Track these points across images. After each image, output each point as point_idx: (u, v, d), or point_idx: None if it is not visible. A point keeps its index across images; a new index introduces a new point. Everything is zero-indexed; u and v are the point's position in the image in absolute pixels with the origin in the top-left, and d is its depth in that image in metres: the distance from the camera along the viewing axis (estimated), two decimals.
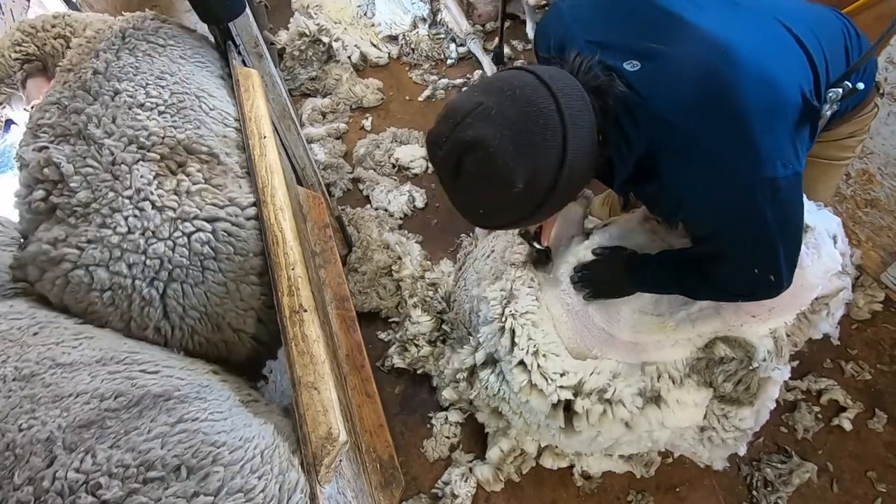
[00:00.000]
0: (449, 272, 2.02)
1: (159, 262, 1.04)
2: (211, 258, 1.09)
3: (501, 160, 0.83)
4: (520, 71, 0.90)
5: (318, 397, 0.85)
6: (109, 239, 1.02)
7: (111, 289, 1.02)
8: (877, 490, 1.56)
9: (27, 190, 1.08)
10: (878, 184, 1.79)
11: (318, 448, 0.80)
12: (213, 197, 1.12)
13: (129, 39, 1.29)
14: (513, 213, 0.94)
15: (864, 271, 1.93)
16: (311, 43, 2.92)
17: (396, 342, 1.91)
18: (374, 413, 1.37)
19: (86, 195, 1.04)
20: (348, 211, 2.32)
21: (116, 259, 1.02)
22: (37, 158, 1.07)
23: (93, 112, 1.12)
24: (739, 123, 0.84)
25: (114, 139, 1.10)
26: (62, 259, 1.01)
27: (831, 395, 1.70)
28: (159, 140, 1.12)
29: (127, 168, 1.07)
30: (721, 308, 1.18)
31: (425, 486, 1.67)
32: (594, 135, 0.90)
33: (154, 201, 1.06)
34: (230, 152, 1.24)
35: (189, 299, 1.08)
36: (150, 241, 1.04)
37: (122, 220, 1.03)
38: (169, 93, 1.21)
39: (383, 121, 2.76)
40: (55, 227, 1.05)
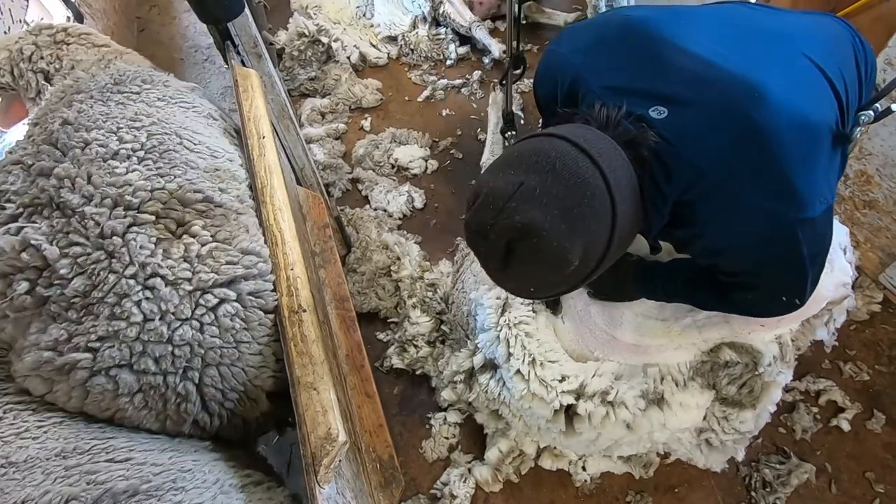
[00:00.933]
0: (448, 273, 2.01)
1: (189, 348, 0.89)
2: (244, 330, 0.95)
3: (557, 242, 0.79)
4: (550, 138, 0.84)
5: (317, 397, 0.85)
6: (125, 333, 0.85)
7: (141, 390, 0.87)
8: (875, 491, 1.56)
9: (3, 282, 0.87)
10: (877, 185, 1.80)
11: (317, 448, 0.80)
12: (225, 255, 0.96)
13: (105, 93, 1.17)
14: (566, 285, 0.92)
15: (862, 272, 1.94)
16: (310, 43, 2.92)
17: (395, 343, 1.90)
18: (373, 413, 1.37)
19: (81, 282, 0.85)
20: (347, 211, 2.32)
21: (139, 355, 0.86)
22: (10, 242, 0.86)
23: (63, 172, 0.93)
24: (779, 171, 0.82)
25: (94, 204, 0.91)
26: (74, 366, 0.84)
27: (830, 395, 1.70)
28: (147, 195, 0.95)
29: (120, 240, 0.89)
30: (730, 317, 1.17)
31: (424, 487, 1.67)
32: (637, 191, 0.87)
33: (165, 275, 0.89)
34: (225, 187, 1.10)
35: (228, 381, 0.95)
36: (174, 325, 0.88)
37: (133, 307, 0.86)
38: (146, 135, 1.06)
39: (382, 121, 2.76)
40: (51, 327, 0.85)
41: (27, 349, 0.86)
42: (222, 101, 2.97)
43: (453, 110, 2.75)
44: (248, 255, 0.99)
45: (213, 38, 1.57)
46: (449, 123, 2.70)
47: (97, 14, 2.84)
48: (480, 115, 2.72)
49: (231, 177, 1.14)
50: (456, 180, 2.46)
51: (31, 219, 0.91)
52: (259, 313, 0.97)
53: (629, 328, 1.30)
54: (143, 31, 3.43)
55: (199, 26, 3.35)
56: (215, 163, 1.14)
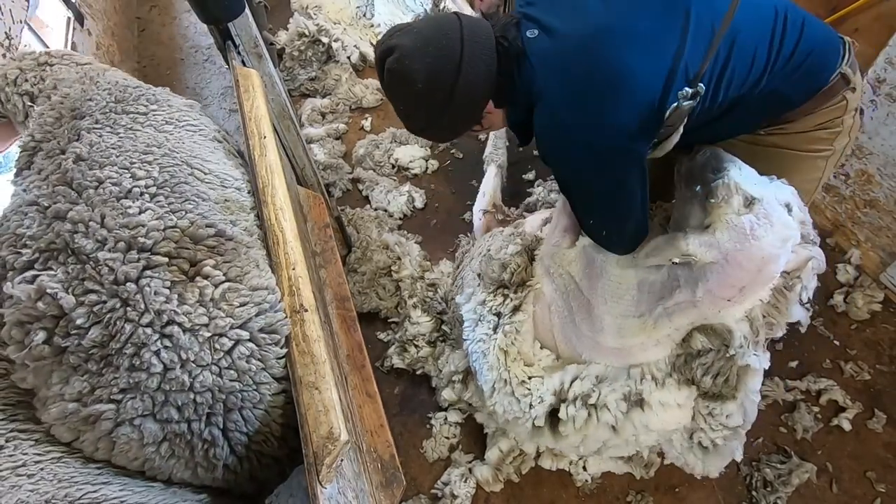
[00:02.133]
0: (448, 272, 2.01)
1: (210, 394, 0.89)
2: (262, 370, 0.94)
3: (408, 62, 1.07)
4: (452, 13, 1.14)
5: (318, 397, 0.85)
6: (146, 384, 0.85)
7: (167, 439, 0.87)
8: (876, 490, 1.56)
9: (21, 330, 0.86)
10: (877, 184, 1.80)
11: (319, 448, 0.79)
12: (238, 296, 0.95)
13: (110, 115, 1.16)
14: (422, 113, 1.15)
15: (863, 271, 1.94)
16: (310, 43, 2.92)
17: (396, 342, 1.90)
18: (374, 413, 1.37)
19: (98, 333, 0.85)
20: (348, 211, 2.32)
21: (162, 404, 0.86)
22: (26, 291, 0.85)
23: (77, 216, 0.92)
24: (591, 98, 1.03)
25: (108, 249, 0.90)
26: (98, 418, 0.85)
27: (830, 395, 1.70)
28: (160, 235, 0.94)
29: (134, 286, 0.88)
30: (697, 301, 1.17)
31: (425, 487, 1.67)
32: (492, 69, 1.10)
33: (182, 323, 0.87)
34: (235, 219, 1.11)
35: (251, 424, 0.94)
36: (194, 372, 0.87)
37: (153, 356, 0.85)
38: (158, 168, 1.06)
39: (383, 121, 2.76)
40: (74, 379, 0.86)
41: (52, 399, 0.86)
42: (223, 101, 2.97)
43: None
44: (258, 290, 0.98)
45: (214, 39, 1.57)
46: None
47: (97, 14, 2.84)
48: None
49: (240, 208, 1.16)
50: (456, 180, 2.46)
51: (48, 264, 0.90)
52: (275, 349, 0.95)
53: (611, 332, 1.31)
54: (143, 31, 3.44)
55: (200, 26, 3.35)
56: (225, 193, 1.15)
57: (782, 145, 1.24)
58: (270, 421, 0.97)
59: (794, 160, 1.25)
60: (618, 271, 1.30)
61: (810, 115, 1.18)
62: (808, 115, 1.18)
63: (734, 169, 1.16)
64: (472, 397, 1.68)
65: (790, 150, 1.24)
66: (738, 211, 1.11)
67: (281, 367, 0.96)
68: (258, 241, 1.11)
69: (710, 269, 1.13)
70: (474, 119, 1.19)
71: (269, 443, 0.98)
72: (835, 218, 1.99)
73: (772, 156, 1.25)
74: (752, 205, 1.11)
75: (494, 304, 1.49)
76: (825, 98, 1.15)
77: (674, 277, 1.21)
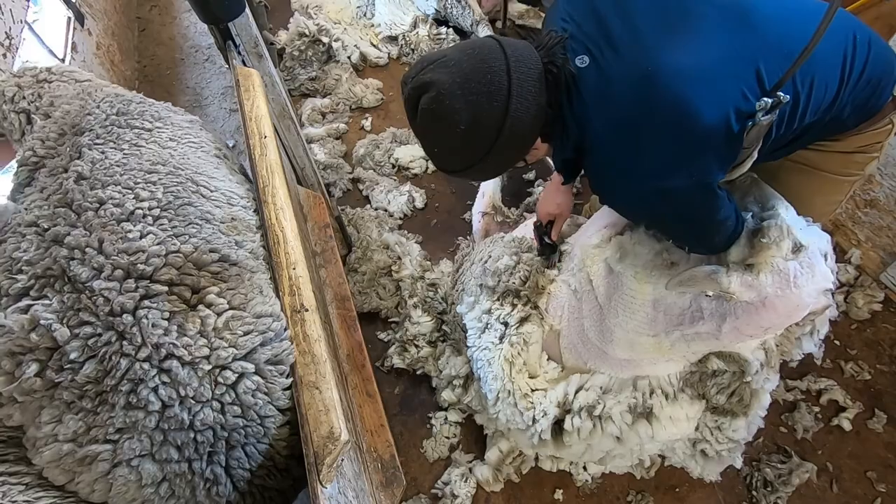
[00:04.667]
0: (449, 272, 2.01)
1: (212, 432, 0.84)
2: (268, 404, 0.90)
3: (449, 101, 0.95)
4: (489, 38, 1.02)
5: (319, 397, 0.85)
6: (144, 423, 0.80)
7: (166, 479, 0.83)
8: (876, 490, 1.56)
9: (11, 362, 0.81)
10: (878, 184, 1.80)
11: (319, 447, 0.79)
12: (242, 324, 0.91)
13: (112, 128, 1.13)
14: (460, 156, 1.04)
15: (863, 271, 1.94)
16: (310, 43, 2.92)
17: (396, 342, 1.90)
18: (374, 413, 1.37)
19: (93, 368, 0.80)
20: (348, 211, 2.32)
21: (160, 444, 0.81)
22: (19, 322, 0.81)
23: (74, 241, 0.89)
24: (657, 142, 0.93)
25: (105, 278, 0.85)
26: (95, 459, 0.80)
27: (831, 395, 1.70)
28: (161, 262, 0.90)
29: (131, 317, 0.83)
30: (720, 332, 1.16)
31: (425, 487, 1.67)
32: (541, 103, 0.99)
33: (181, 356, 0.83)
34: (241, 240, 1.06)
35: (255, 459, 0.90)
36: (194, 409, 0.83)
37: (150, 394, 0.81)
38: (162, 189, 1.02)
39: (383, 121, 2.76)
40: (68, 417, 0.81)
41: (43, 440, 0.82)
42: (223, 100, 2.96)
43: None
44: (263, 317, 0.95)
45: (214, 38, 1.57)
46: None
47: (97, 14, 2.84)
48: None
49: (246, 227, 1.11)
50: (457, 180, 2.46)
51: (43, 291, 0.86)
52: (281, 380, 0.92)
53: (621, 345, 1.29)
54: (143, 31, 3.44)
55: (200, 26, 3.35)
56: (231, 211, 1.11)
57: (816, 164, 1.17)
58: (274, 454, 0.93)
59: (821, 182, 1.20)
60: (634, 285, 1.26)
61: (854, 136, 1.11)
62: (853, 136, 1.11)
63: (783, 209, 1.12)
64: (473, 401, 1.68)
65: (821, 170, 1.18)
66: (786, 256, 1.08)
67: (287, 398, 0.92)
68: (263, 265, 1.07)
69: (743, 308, 1.11)
70: (520, 157, 1.09)
71: (273, 476, 0.94)
72: (835, 217, 1.99)
73: (801, 173, 1.19)
74: (799, 251, 1.09)
75: (502, 312, 1.47)
76: (873, 121, 1.09)
77: (697, 307, 1.17)
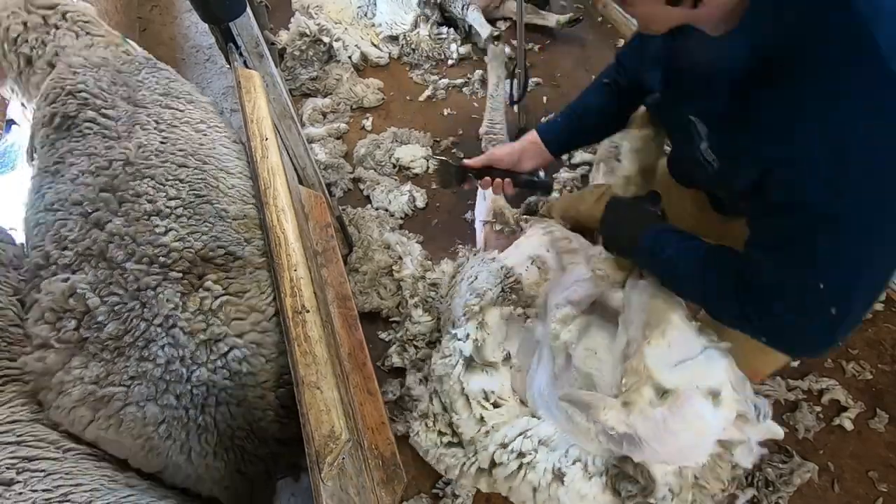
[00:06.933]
0: (449, 272, 2.01)
1: (205, 388, 1.01)
2: (250, 374, 1.06)
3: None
4: None
5: (320, 396, 0.85)
6: (152, 373, 0.98)
7: (165, 421, 0.99)
8: (878, 490, 1.56)
9: (55, 316, 1.01)
10: None
11: (321, 446, 0.80)
12: (235, 310, 1.09)
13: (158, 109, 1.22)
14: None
15: None
16: (311, 43, 2.92)
17: (397, 342, 1.91)
18: (375, 411, 1.37)
19: (115, 327, 0.99)
20: (349, 211, 2.33)
21: (163, 391, 0.99)
22: (60, 288, 1.01)
23: (115, 229, 1.06)
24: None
25: (135, 261, 1.04)
26: (111, 399, 0.98)
27: (832, 394, 1.70)
28: (178, 256, 1.07)
29: (153, 293, 1.02)
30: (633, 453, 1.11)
31: (426, 486, 1.67)
32: None
33: (183, 327, 1.02)
34: (250, 237, 1.18)
35: (236, 420, 1.05)
36: (192, 368, 1.00)
37: (159, 351, 0.99)
38: (187, 189, 1.15)
39: (384, 121, 2.76)
40: (91, 364, 0.99)
41: (72, 382, 0.98)
42: (224, 100, 2.97)
43: (455, 110, 2.76)
44: (255, 311, 1.10)
45: (215, 39, 1.57)
46: (450, 123, 2.70)
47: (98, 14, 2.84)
48: (482, 114, 2.72)
49: (256, 225, 1.23)
50: None
51: (81, 265, 1.04)
52: (261, 359, 1.08)
53: (561, 416, 1.27)
54: (144, 31, 3.44)
55: (201, 26, 3.36)
56: (244, 209, 1.22)
57: None
58: (252, 421, 1.08)
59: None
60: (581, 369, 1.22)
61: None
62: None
63: (648, 347, 1.03)
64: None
65: None
66: (651, 402, 1.02)
67: (269, 372, 1.09)
68: (265, 265, 1.18)
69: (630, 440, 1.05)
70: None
71: (251, 440, 1.08)
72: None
73: None
74: (664, 396, 1.02)
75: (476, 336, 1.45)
76: None
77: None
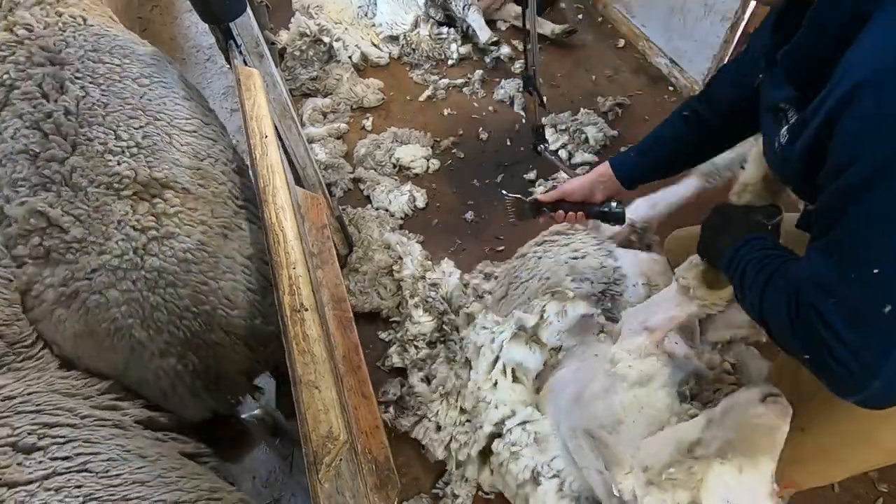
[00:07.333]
0: (449, 272, 2.01)
1: (156, 273, 1.17)
2: (193, 262, 1.22)
3: None
4: None
5: (318, 396, 0.85)
6: (110, 263, 1.15)
7: (126, 303, 1.15)
8: (878, 490, 1.55)
9: (23, 240, 1.16)
10: None
11: (318, 447, 0.80)
12: (189, 219, 1.24)
13: (87, 63, 1.31)
14: None
15: None
16: (311, 43, 2.92)
17: (397, 342, 1.91)
18: (370, 414, 1.37)
19: (80, 232, 1.15)
20: (349, 211, 2.33)
21: (121, 279, 1.15)
22: (19, 213, 1.15)
23: (76, 163, 1.20)
24: None
25: (94, 186, 1.20)
26: (79, 292, 1.14)
27: None
28: (131, 181, 1.21)
29: (109, 207, 1.19)
30: None
31: (426, 487, 1.67)
32: None
33: (134, 225, 1.18)
34: (205, 184, 1.31)
35: (182, 301, 1.19)
36: (145, 257, 1.17)
37: (115, 245, 1.16)
38: (141, 135, 1.28)
39: (384, 121, 2.76)
40: (58, 269, 1.15)
41: (46, 290, 1.15)
42: (224, 100, 2.97)
43: (455, 110, 2.75)
44: (204, 225, 1.26)
45: (215, 38, 1.57)
46: (450, 123, 2.70)
47: None
48: (482, 114, 2.72)
49: (211, 177, 1.34)
50: (458, 180, 2.46)
51: (38, 193, 1.18)
52: (204, 253, 1.23)
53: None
54: (144, 31, 3.44)
55: (201, 26, 3.36)
56: (200, 164, 1.33)
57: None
58: (196, 302, 1.21)
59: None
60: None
61: None
62: None
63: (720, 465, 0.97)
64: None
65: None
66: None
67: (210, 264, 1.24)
68: (226, 199, 1.33)
69: None
70: None
71: (198, 321, 1.21)
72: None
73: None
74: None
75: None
76: None
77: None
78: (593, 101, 2.65)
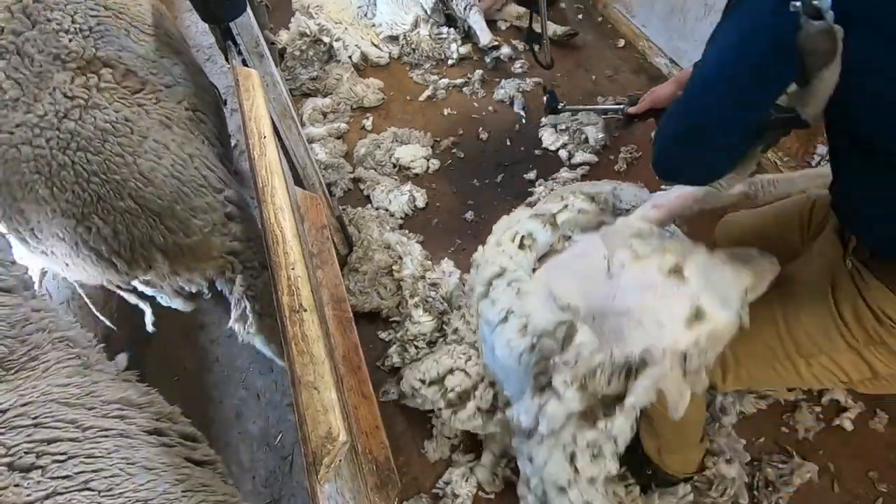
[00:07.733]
0: (449, 272, 2.01)
1: (70, 135, 1.29)
2: (111, 134, 1.32)
3: None
4: None
5: (317, 396, 0.85)
6: (31, 121, 1.29)
7: (34, 159, 1.27)
8: (878, 490, 1.55)
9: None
10: None
11: (318, 447, 0.79)
12: (121, 97, 1.37)
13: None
14: None
15: None
16: (311, 43, 2.92)
17: (397, 342, 1.91)
18: (370, 414, 1.37)
19: (15, 93, 1.31)
20: (349, 211, 2.32)
21: (37, 136, 1.28)
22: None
23: (30, 36, 1.35)
24: None
25: (43, 55, 1.35)
26: (3, 144, 1.29)
27: (832, 395, 1.70)
28: (78, 56, 1.36)
29: (51, 75, 1.34)
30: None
31: (426, 487, 1.67)
32: None
33: (66, 92, 1.32)
34: (157, 72, 1.47)
35: (91, 166, 1.30)
36: (63, 121, 1.29)
37: (41, 106, 1.30)
38: (96, 21, 1.43)
39: (384, 121, 2.76)
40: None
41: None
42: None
43: (455, 110, 2.75)
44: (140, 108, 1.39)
45: (215, 38, 1.57)
46: (450, 123, 2.70)
47: None
48: (482, 114, 2.72)
49: (167, 73, 1.50)
50: (458, 180, 2.46)
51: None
52: (127, 129, 1.34)
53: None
54: None
55: (201, 26, 3.36)
56: (158, 59, 1.50)
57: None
58: (106, 171, 1.31)
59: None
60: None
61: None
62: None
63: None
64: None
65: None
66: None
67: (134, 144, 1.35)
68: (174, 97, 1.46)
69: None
70: None
71: (106, 188, 1.30)
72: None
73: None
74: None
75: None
76: None
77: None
78: (593, 101, 2.65)
